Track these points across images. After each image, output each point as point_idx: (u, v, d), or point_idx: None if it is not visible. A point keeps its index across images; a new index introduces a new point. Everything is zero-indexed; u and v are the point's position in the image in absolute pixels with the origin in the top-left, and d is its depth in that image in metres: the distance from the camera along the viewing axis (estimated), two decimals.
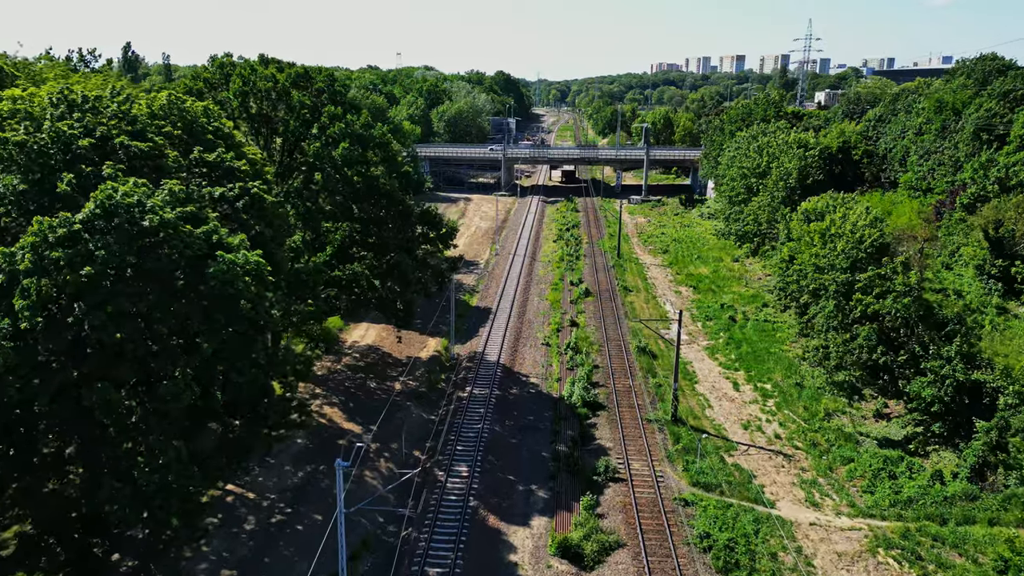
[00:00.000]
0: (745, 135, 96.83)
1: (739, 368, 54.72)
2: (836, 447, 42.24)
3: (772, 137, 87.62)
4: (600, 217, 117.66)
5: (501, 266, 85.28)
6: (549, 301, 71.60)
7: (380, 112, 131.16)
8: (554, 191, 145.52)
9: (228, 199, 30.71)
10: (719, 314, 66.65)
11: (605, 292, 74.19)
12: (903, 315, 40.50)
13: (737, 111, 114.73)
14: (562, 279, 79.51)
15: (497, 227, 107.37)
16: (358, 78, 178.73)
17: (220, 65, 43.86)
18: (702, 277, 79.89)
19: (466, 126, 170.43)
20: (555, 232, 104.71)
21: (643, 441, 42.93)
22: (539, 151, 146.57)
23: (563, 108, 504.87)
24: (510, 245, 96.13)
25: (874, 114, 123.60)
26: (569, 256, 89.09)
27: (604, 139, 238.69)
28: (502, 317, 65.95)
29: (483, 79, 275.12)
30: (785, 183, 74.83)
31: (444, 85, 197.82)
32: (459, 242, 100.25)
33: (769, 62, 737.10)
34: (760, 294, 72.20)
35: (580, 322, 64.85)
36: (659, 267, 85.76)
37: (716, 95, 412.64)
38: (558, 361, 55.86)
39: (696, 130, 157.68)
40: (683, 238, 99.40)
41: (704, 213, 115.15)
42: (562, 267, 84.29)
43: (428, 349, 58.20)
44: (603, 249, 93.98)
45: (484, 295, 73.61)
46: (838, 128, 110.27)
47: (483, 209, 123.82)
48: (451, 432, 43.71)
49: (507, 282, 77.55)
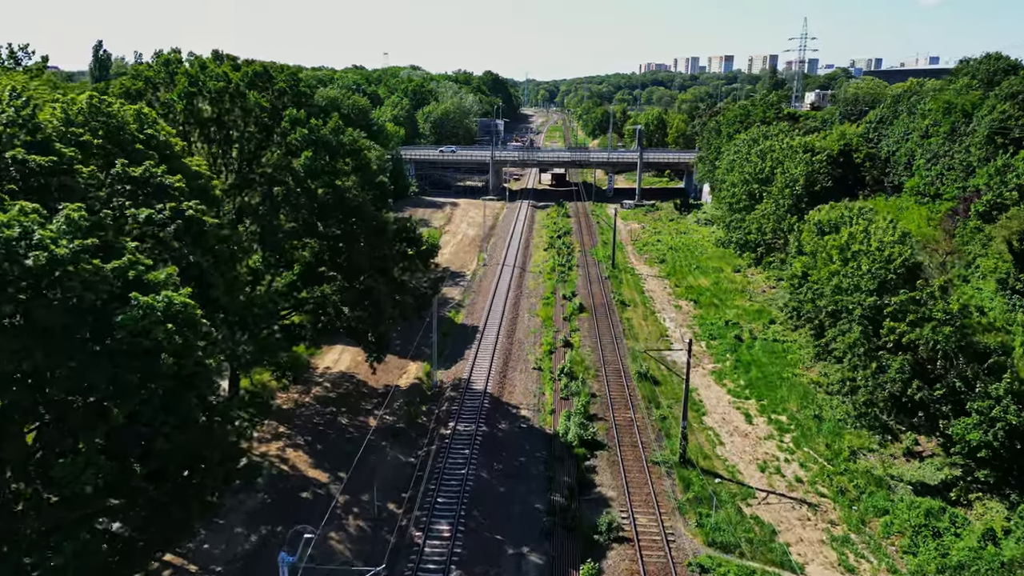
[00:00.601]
0: (744, 138, 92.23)
1: (750, 396, 49.84)
2: (867, 494, 37.42)
3: (775, 141, 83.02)
4: (592, 223, 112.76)
5: (489, 278, 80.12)
6: (541, 318, 66.50)
7: (362, 113, 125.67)
8: (544, 195, 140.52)
9: (156, 223, 25.37)
10: (724, 332, 61.83)
11: (600, 307, 69.22)
12: (943, 347, 35.75)
13: (734, 113, 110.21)
14: (554, 292, 74.48)
15: (485, 234, 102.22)
16: (340, 78, 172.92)
17: (165, 62, 38.38)
18: (703, 290, 75.11)
19: (453, 127, 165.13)
20: (546, 240, 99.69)
21: (649, 488, 37.92)
22: (528, 153, 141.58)
23: (552, 108, 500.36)
24: (499, 254, 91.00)
25: (875, 115, 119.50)
26: (561, 266, 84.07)
27: (594, 140, 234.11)
28: (490, 336, 60.80)
29: (471, 79, 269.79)
30: (791, 190, 70.20)
31: (430, 85, 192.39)
32: (445, 251, 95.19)
33: (757, 62, 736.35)
34: (766, 309, 67.52)
35: (575, 342, 59.82)
36: (656, 278, 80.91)
37: (705, 95, 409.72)
38: (551, 389, 50.77)
39: (690, 132, 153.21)
40: (680, 246, 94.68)
41: (701, 219, 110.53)
42: (554, 279, 79.25)
43: (408, 375, 52.92)
44: (597, 258, 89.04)
45: (471, 311, 68.41)
46: (838, 130, 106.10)
47: (470, 215, 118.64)
48: (432, 479, 38.51)
49: (495, 296, 72.41)
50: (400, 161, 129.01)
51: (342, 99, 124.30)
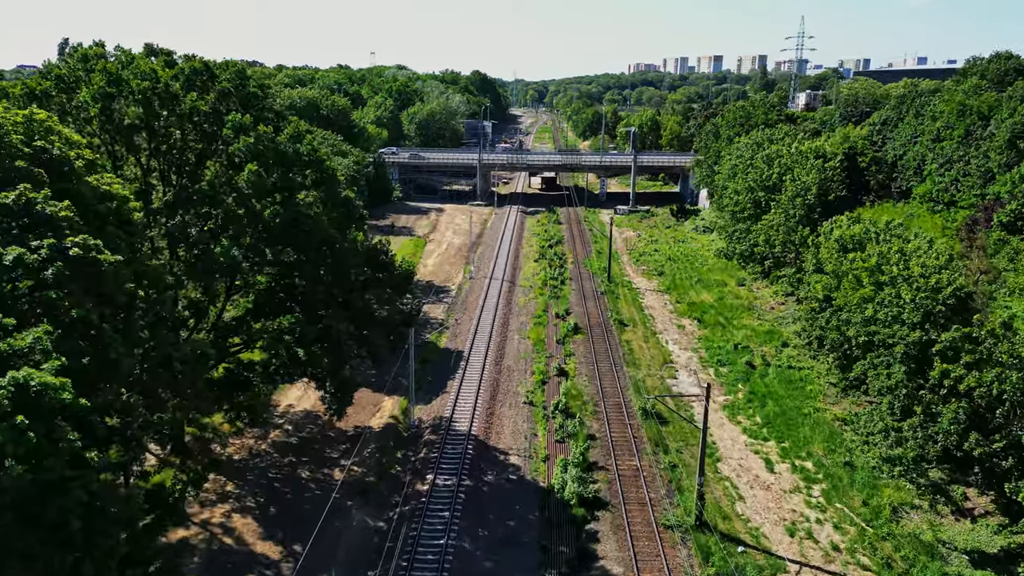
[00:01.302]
0: (747, 142, 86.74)
1: (769, 436, 44.15)
2: (917, 568, 31.80)
3: (782, 145, 77.55)
4: (585, 230, 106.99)
5: (476, 293, 74.12)
6: (531, 340, 60.60)
7: (342, 114, 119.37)
8: (534, 199, 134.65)
9: (28, 266, 19.23)
10: (733, 358, 56.17)
11: (597, 327, 63.40)
12: (1010, 397, 30.22)
13: (734, 115, 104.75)
14: (546, 310, 68.59)
15: (472, 243, 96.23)
16: (322, 78, 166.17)
17: (83, 57, 32.10)
18: (706, 307, 69.48)
19: (439, 129, 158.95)
20: (536, 249, 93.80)
21: (662, 561, 32.12)
22: (518, 156, 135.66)
23: (541, 109, 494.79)
24: (486, 266, 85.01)
25: (879, 117, 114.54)
26: (553, 280, 78.18)
27: (585, 142, 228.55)
28: (476, 363, 54.80)
29: (458, 79, 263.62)
30: (803, 199, 64.69)
31: (416, 85, 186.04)
32: (428, 262, 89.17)
33: (747, 63, 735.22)
34: (776, 329, 61.99)
35: (570, 370, 53.97)
36: (656, 293, 75.19)
37: (696, 96, 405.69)
38: (544, 428, 44.87)
39: (684, 134, 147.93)
40: (679, 256, 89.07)
41: (699, 226, 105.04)
42: (546, 294, 73.35)
43: (382, 414, 46.84)
44: (591, 270, 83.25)
45: (455, 333, 62.38)
46: (841, 132, 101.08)
47: (456, 221, 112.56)
48: (404, 552, 32.51)
49: (482, 314, 66.42)
50: (382, 164, 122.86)
51: (321, 100, 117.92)
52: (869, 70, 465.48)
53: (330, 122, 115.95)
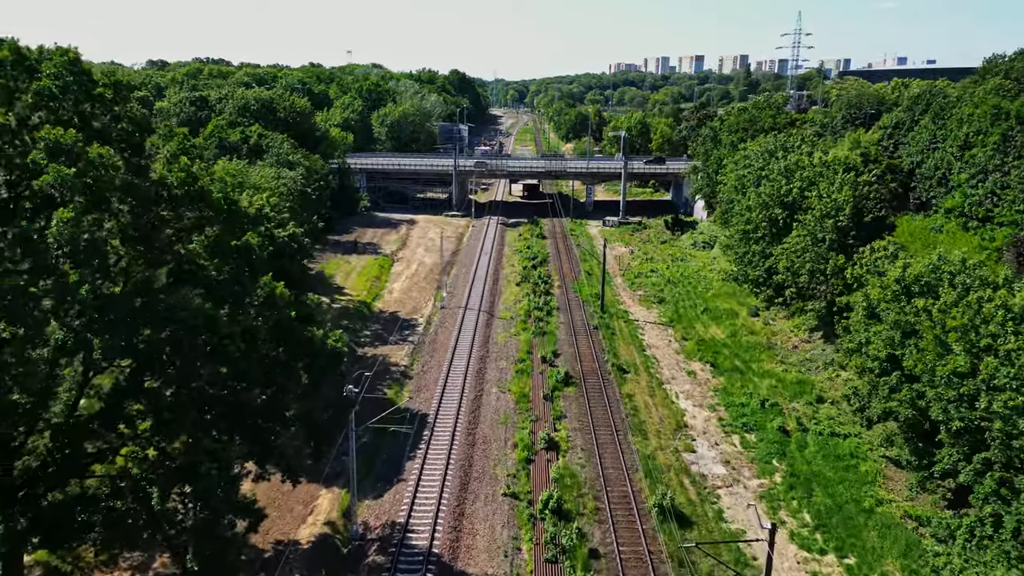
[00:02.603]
0: (756, 149, 76.61)
1: (826, 548, 33.59)
2: None
3: (801, 154, 67.40)
4: (572, 246, 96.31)
5: (448, 328, 63.06)
6: (513, 395, 49.68)
7: (302, 117, 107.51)
8: (515, 209, 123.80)
9: None
10: (761, 419, 45.75)
11: (591, 375, 52.66)
12: None
13: (737, 118, 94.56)
14: (530, 351, 57.74)
15: (445, 262, 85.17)
16: (285, 76, 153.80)
17: None
18: (718, 345, 59.11)
19: (413, 132, 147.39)
20: (518, 270, 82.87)
21: None
22: (497, 163, 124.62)
23: (522, 109, 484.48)
24: (461, 291, 73.97)
25: (889, 120, 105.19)
26: (538, 310, 67.35)
27: (568, 144, 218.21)
28: (443, 431, 43.77)
29: (435, 78, 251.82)
30: (834, 221, 54.44)
31: (388, 84, 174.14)
32: (395, 286, 77.82)
33: (728, 62, 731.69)
34: (806, 377, 51.73)
35: (561, 439, 43.17)
36: (657, 327, 64.63)
37: (678, 95, 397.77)
38: (531, 539, 33.97)
39: (676, 137, 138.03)
40: (679, 278, 78.65)
41: (698, 241, 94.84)
42: (530, 328, 62.46)
43: (317, 517, 35.58)
44: (581, 296, 72.54)
45: (420, 385, 51.26)
46: (852, 138, 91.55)
47: (429, 235, 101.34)
48: None
49: (454, 358, 55.41)
50: (348, 172, 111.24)
51: (278, 101, 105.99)
52: (851, 70, 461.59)
53: (288, 125, 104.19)
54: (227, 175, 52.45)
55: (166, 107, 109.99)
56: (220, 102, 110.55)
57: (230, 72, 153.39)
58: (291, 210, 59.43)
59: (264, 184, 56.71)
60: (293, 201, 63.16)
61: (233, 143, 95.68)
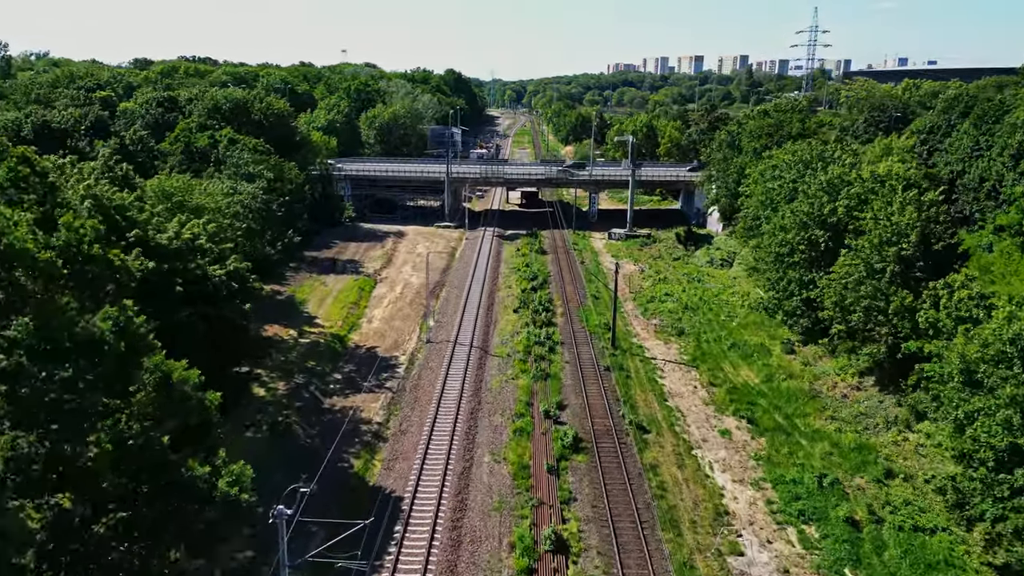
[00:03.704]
0: (787, 159, 67.42)
1: None
2: None
3: (844, 166, 58.24)
4: (575, 262, 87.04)
5: (433, 368, 53.77)
6: (511, 466, 40.37)
7: (280, 119, 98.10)
8: (513, 219, 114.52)
9: None
10: (822, 504, 36.50)
11: (605, 437, 43.39)
12: None
13: (759, 123, 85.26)
14: (531, 401, 48.45)
15: (435, 284, 75.92)
16: (267, 75, 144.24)
17: None
18: (753, 392, 49.94)
19: (403, 135, 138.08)
20: (516, 293, 73.52)
21: None
22: (493, 170, 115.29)
23: (519, 109, 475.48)
24: (450, 320, 64.70)
25: (923, 124, 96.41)
26: (539, 345, 58.10)
27: (568, 147, 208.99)
28: (420, 529, 34.41)
29: (429, 78, 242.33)
30: (897, 249, 45.22)
31: (379, 84, 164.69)
32: (375, 315, 68.25)
33: (728, 63, 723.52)
34: (867, 441, 42.56)
35: (571, 537, 33.88)
36: (678, 367, 55.42)
37: (678, 96, 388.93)
38: None
39: (685, 142, 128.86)
40: (697, 303, 69.42)
41: (715, 259, 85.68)
42: (530, 371, 53.14)
43: None
44: (587, 326, 63.29)
45: (395, 452, 41.93)
46: (883, 144, 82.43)
47: (418, 250, 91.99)
48: None
49: (439, 413, 46.11)
50: (330, 179, 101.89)
51: (252, 102, 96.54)
52: (853, 71, 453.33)
53: (264, 129, 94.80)
54: (160, 194, 43.10)
55: (131, 108, 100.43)
56: (190, 103, 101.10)
57: (208, 71, 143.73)
58: (247, 232, 50.27)
59: (209, 204, 47.27)
60: (251, 220, 53.90)
61: (201, 148, 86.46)
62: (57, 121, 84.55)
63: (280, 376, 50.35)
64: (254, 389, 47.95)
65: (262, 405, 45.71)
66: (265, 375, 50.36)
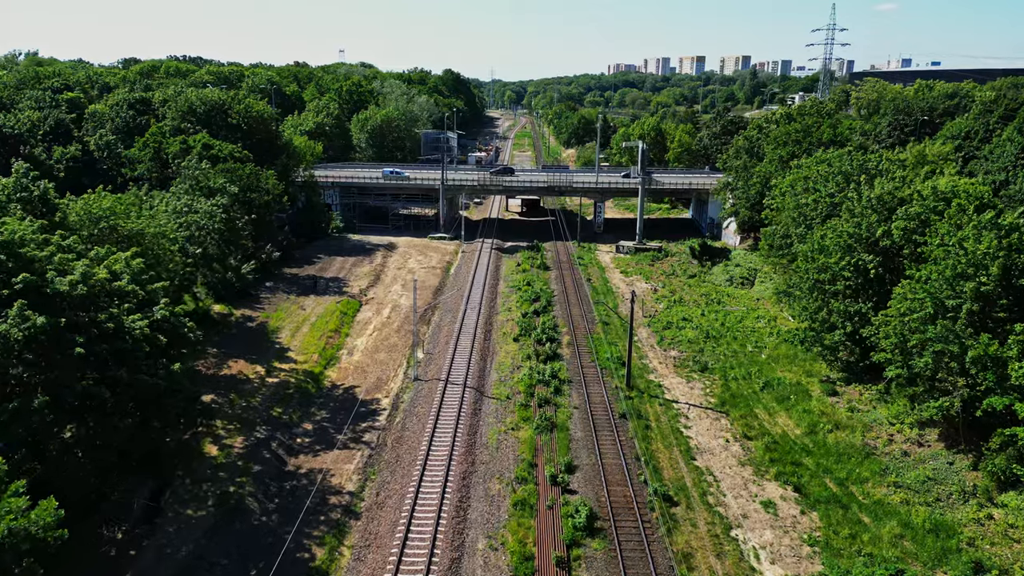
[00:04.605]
0: (823, 170, 59.74)
1: None
2: None
3: (895, 181, 50.62)
4: (581, 280, 79.43)
5: (420, 416, 46.13)
6: (510, 556, 32.75)
7: (262, 123, 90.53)
8: (512, 229, 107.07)
9: None
10: None
11: (626, 514, 35.76)
12: None
13: (785, 130, 77.44)
14: (534, 461, 40.84)
15: (425, 306, 68.41)
16: (253, 75, 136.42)
17: None
18: (796, 448, 42.34)
19: (397, 139, 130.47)
20: (517, 317, 65.92)
21: None
22: (492, 179, 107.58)
23: (519, 110, 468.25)
24: (442, 352, 57.11)
25: (957, 129, 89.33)
26: (543, 383, 50.58)
27: (570, 150, 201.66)
28: None
29: (427, 78, 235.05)
30: (975, 285, 37.60)
31: (372, 85, 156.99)
32: (356, 346, 60.21)
33: (730, 63, 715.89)
34: (943, 518, 34.95)
35: None
36: (704, 412, 47.80)
37: (681, 97, 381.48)
38: None
39: (695, 146, 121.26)
40: (720, 331, 61.87)
41: (735, 277, 78.12)
42: (533, 420, 45.51)
43: None
44: (597, 359, 55.68)
45: (367, 537, 34.26)
46: (916, 150, 75.07)
47: (410, 265, 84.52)
48: None
49: (424, 478, 38.50)
50: (315, 187, 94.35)
51: (230, 103, 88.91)
52: (856, 71, 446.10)
53: (243, 133, 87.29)
54: (87, 219, 35.40)
55: (100, 111, 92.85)
56: (164, 105, 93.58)
57: (191, 70, 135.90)
58: (203, 258, 42.67)
59: (150, 229, 39.44)
60: (210, 243, 46.30)
61: (172, 154, 78.98)
62: (10, 126, 77.03)
63: (239, 429, 42.71)
64: (205, 447, 40.33)
65: (212, 470, 38.08)
66: (221, 427, 42.74)
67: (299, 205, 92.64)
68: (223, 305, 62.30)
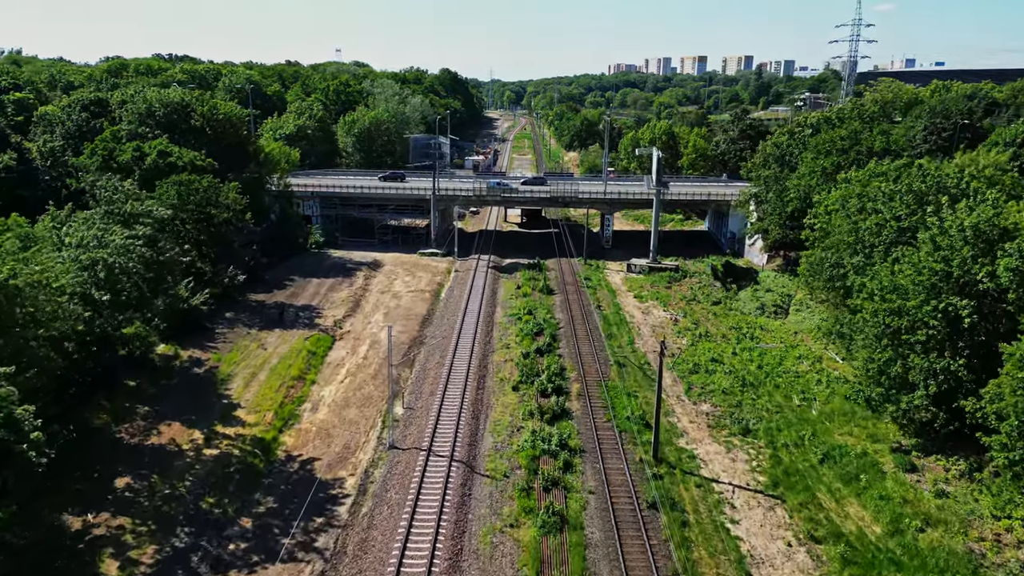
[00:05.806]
0: (885, 188, 49.69)
1: None
2: None
3: (984, 203, 40.60)
4: (590, 307, 69.45)
5: (393, 506, 36.15)
6: None
7: (230, 126, 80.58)
8: (511, 243, 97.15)
9: None
10: None
11: None
12: None
13: (829, 136, 67.08)
14: None
15: (409, 343, 58.58)
16: (230, 74, 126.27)
17: None
18: (880, 557, 32.45)
19: (387, 143, 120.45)
20: (516, 357, 55.95)
21: None
22: (489, 189, 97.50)
23: (519, 111, 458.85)
24: (425, 407, 47.15)
25: (1010, 135, 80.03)
26: (549, 455, 40.69)
27: (572, 153, 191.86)
28: None
29: (422, 77, 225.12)
30: None
31: (362, 84, 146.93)
32: (322, 397, 48.58)
33: (732, 63, 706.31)
34: None
35: None
36: (753, 497, 37.88)
37: (683, 97, 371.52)
38: None
39: (712, 152, 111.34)
40: (757, 375, 52.04)
41: (766, 305, 68.21)
42: (537, 515, 35.53)
43: None
44: (614, 417, 45.70)
45: None
46: (967, 159, 65.45)
47: (395, 288, 74.62)
48: None
49: None
50: (290, 198, 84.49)
51: (193, 105, 78.94)
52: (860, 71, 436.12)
53: (208, 138, 77.43)
54: None
55: (51, 113, 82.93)
56: (122, 107, 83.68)
57: (164, 68, 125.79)
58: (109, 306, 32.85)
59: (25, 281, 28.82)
60: (128, 285, 36.45)
61: (124, 163, 69.18)
62: None
63: (151, 534, 32.70)
64: (102, 565, 30.35)
65: None
66: (130, 530, 32.76)
67: (272, 218, 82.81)
68: (169, 345, 52.43)
